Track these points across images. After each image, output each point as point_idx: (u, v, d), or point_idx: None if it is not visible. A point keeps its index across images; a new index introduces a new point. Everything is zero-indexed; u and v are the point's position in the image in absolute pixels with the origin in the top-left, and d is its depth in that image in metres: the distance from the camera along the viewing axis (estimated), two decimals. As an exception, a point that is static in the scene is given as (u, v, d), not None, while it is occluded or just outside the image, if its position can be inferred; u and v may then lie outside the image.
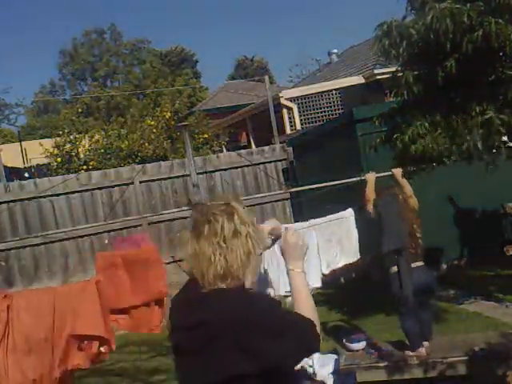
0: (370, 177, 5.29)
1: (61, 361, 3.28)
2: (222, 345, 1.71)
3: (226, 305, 1.75)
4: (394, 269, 4.70)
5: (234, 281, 1.79)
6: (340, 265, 5.61)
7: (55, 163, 13.00)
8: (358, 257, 5.72)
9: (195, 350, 1.77)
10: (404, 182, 5.03)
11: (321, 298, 7.88)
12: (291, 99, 14.24)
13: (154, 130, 13.33)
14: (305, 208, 9.48)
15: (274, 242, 2.12)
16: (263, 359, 1.71)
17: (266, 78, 15.14)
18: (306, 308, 1.86)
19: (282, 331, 1.74)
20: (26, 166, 18.35)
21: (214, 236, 1.77)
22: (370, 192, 5.12)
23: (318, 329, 1.83)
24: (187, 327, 1.80)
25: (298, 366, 4.93)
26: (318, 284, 5.25)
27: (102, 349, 3.37)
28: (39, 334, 3.24)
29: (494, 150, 4.81)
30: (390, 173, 5.22)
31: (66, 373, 3.33)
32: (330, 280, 7.76)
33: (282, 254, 1.98)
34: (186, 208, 5.10)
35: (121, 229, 9.22)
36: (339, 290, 7.45)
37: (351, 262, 5.70)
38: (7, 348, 3.15)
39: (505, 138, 4.85)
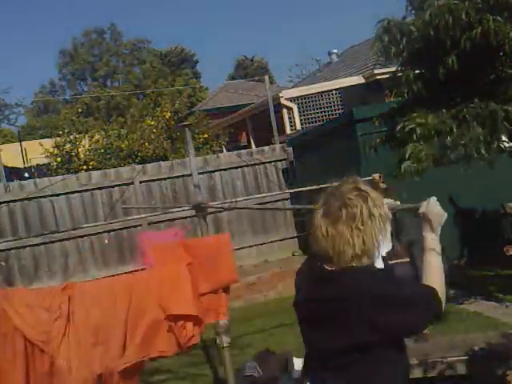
0: (357, 181, 5.39)
1: (140, 350, 3.13)
2: (351, 317, 1.86)
3: (359, 282, 1.90)
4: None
5: (368, 259, 1.95)
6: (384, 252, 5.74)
7: (55, 163, 13.01)
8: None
9: (324, 320, 1.94)
10: (383, 186, 5.26)
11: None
12: (291, 99, 14.24)
13: (154, 130, 13.33)
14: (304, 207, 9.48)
15: (393, 216, 2.28)
16: (390, 330, 1.88)
17: (266, 78, 15.15)
18: (436, 274, 2.02)
19: (410, 304, 1.90)
20: (26, 165, 18.36)
21: (352, 220, 1.90)
22: None
23: (443, 294, 1.97)
24: (319, 301, 1.96)
25: (298, 368, 4.94)
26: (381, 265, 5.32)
27: (194, 330, 3.26)
28: (107, 324, 3.08)
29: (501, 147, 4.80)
30: (370, 177, 5.42)
31: (135, 365, 3.15)
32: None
33: (422, 222, 2.12)
34: (186, 208, 5.10)
35: (121, 229, 9.23)
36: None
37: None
38: (70, 341, 2.99)
39: (504, 138, 4.85)
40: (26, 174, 16.00)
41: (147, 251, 4.83)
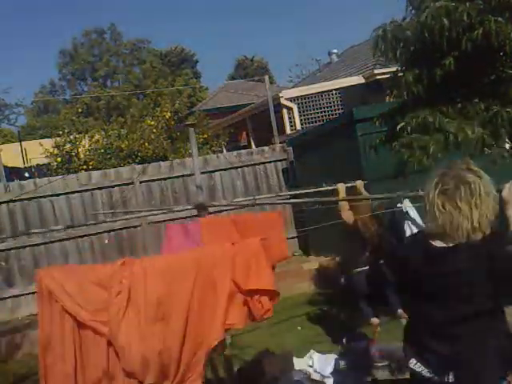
0: (340, 187, 5.60)
1: (210, 322, 3.08)
2: (467, 289, 2.08)
3: (474, 255, 2.09)
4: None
5: (481, 233, 2.13)
6: None
7: (55, 163, 13.00)
8: None
9: (439, 293, 2.14)
10: (366, 193, 5.62)
11: (321, 297, 7.89)
12: (291, 99, 14.24)
13: (154, 130, 13.33)
14: (305, 207, 9.48)
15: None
16: (504, 297, 2.12)
17: (266, 78, 15.14)
18: None
19: None
20: (26, 165, 18.35)
21: (470, 196, 2.11)
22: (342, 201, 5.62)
23: None
24: (434, 275, 2.15)
25: (298, 368, 4.95)
26: None
27: (269, 304, 3.28)
28: (170, 300, 2.99)
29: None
30: (354, 184, 5.70)
31: (203, 343, 3.08)
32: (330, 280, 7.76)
33: (505, 204, 2.28)
34: (189, 207, 5.09)
35: (121, 229, 9.23)
36: (339, 290, 7.45)
37: None
38: (131, 318, 2.91)
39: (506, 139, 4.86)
40: (26, 174, 15.99)
41: (172, 244, 4.79)
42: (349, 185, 5.70)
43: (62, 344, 2.88)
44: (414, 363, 2.23)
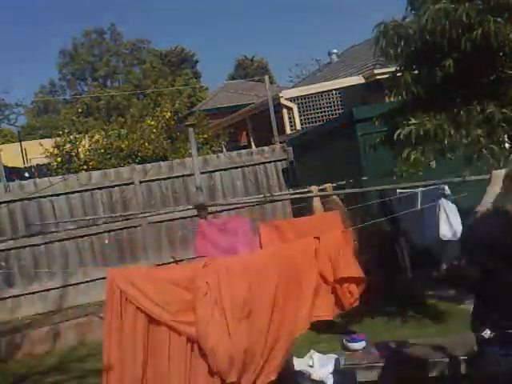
0: (314, 189, 5.96)
1: (295, 315, 3.13)
2: None
3: None
4: None
5: None
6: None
7: (55, 163, 12.99)
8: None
9: None
10: (335, 196, 5.98)
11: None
12: (291, 99, 14.24)
13: (154, 130, 13.32)
14: (305, 208, 9.47)
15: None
16: None
17: (266, 78, 15.13)
18: None
19: None
20: (26, 165, 18.35)
21: None
22: (317, 202, 5.91)
23: None
24: None
25: (298, 368, 4.95)
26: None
27: (357, 292, 3.37)
28: (254, 298, 3.01)
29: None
30: (324, 186, 6.09)
31: (285, 337, 3.13)
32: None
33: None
34: (189, 207, 5.11)
35: (121, 229, 9.23)
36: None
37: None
38: (216, 318, 2.93)
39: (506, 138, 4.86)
40: (26, 174, 15.98)
41: (206, 239, 4.78)
42: (321, 187, 6.07)
43: (134, 343, 2.89)
44: (488, 333, 2.57)
